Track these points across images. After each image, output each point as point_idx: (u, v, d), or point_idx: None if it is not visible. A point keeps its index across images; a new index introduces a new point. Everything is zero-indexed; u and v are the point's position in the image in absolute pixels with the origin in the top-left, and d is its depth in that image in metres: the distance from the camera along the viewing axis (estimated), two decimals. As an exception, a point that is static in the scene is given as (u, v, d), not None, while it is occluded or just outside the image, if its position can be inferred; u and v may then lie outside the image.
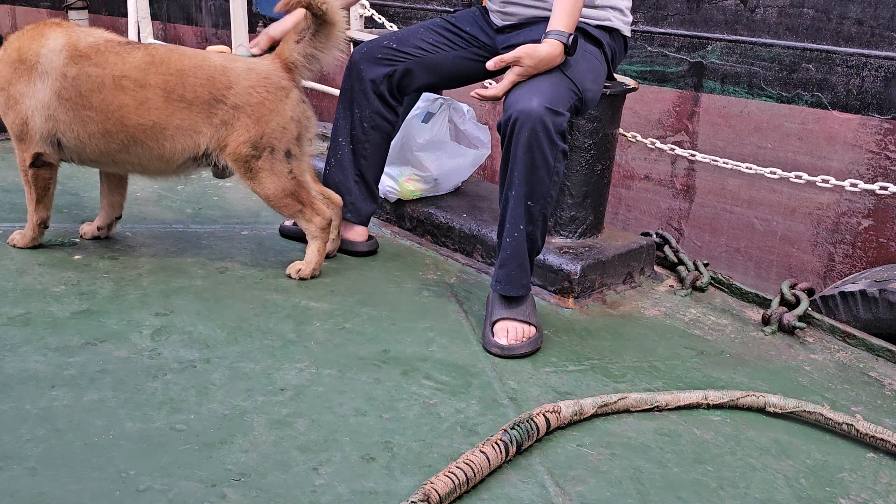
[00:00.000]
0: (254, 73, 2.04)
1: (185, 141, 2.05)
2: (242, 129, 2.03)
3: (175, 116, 2.02)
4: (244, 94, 2.02)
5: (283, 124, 2.05)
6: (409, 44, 2.20)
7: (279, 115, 2.04)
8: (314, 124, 2.16)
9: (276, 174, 2.07)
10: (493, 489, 1.38)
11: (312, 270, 2.16)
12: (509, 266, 1.92)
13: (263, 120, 2.03)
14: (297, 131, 2.09)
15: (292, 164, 2.09)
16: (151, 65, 2.03)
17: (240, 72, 2.04)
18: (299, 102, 2.09)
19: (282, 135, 2.05)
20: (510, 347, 1.85)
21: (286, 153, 2.07)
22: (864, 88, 3.86)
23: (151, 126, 2.03)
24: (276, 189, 2.09)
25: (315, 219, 2.14)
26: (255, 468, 1.39)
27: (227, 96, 2.02)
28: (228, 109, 2.02)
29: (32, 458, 1.37)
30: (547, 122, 1.78)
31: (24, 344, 1.72)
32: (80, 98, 2.03)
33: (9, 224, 2.36)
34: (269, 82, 2.04)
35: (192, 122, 2.03)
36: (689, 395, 1.69)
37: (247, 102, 2.02)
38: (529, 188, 1.85)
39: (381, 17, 3.50)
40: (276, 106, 2.04)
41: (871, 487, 1.48)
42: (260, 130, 2.03)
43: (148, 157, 2.08)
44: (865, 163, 3.88)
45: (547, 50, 1.84)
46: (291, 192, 2.11)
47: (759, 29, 4.14)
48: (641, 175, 4.68)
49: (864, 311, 2.87)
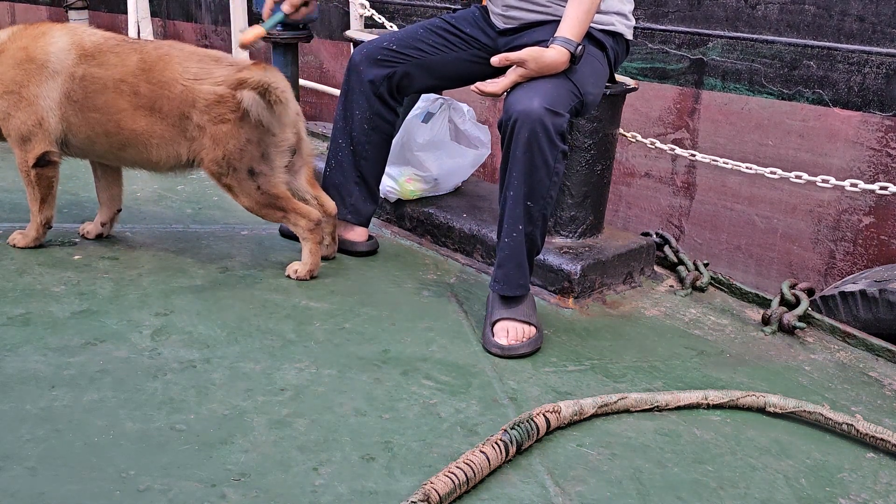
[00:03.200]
0: (212, 92, 2.03)
1: (168, 150, 2.09)
2: (207, 147, 2.05)
3: (157, 126, 2.06)
4: (204, 113, 2.03)
5: (240, 146, 2.04)
6: (409, 45, 2.20)
7: (235, 138, 2.03)
8: (286, 138, 2.11)
9: (245, 190, 2.09)
10: (493, 489, 1.39)
11: (308, 271, 2.17)
12: (508, 266, 1.92)
13: (221, 141, 2.04)
14: (259, 151, 2.06)
15: (258, 180, 2.08)
16: (143, 71, 2.05)
17: (203, 92, 2.03)
18: (259, 125, 2.04)
19: (241, 155, 2.05)
20: (510, 347, 1.85)
21: (249, 171, 2.07)
22: (865, 85, 3.86)
23: (141, 132, 2.06)
24: (249, 203, 2.12)
25: (301, 222, 2.14)
26: (255, 468, 1.39)
27: (192, 114, 2.04)
28: (195, 126, 2.04)
29: (32, 458, 1.37)
30: (547, 122, 1.78)
31: (24, 344, 1.72)
32: (86, 99, 2.06)
33: (9, 224, 2.36)
34: (225, 106, 2.03)
35: (171, 135, 2.06)
36: (689, 395, 1.69)
37: (206, 122, 2.03)
38: (528, 188, 1.84)
39: (381, 16, 3.49)
40: (230, 129, 2.03)
41: (871, 487, 1.48)
42: (220, 151, 2.04)
43: (142, 159, 2.13)
44: (866, 160, 3.88)
45: (553, 56, 1.84)
46: (266, 204, 2.12)
47: (760, 26, 4.14)
48: (642, 172, 4.68)
49: (864, 311, 2.87)
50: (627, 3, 2.11)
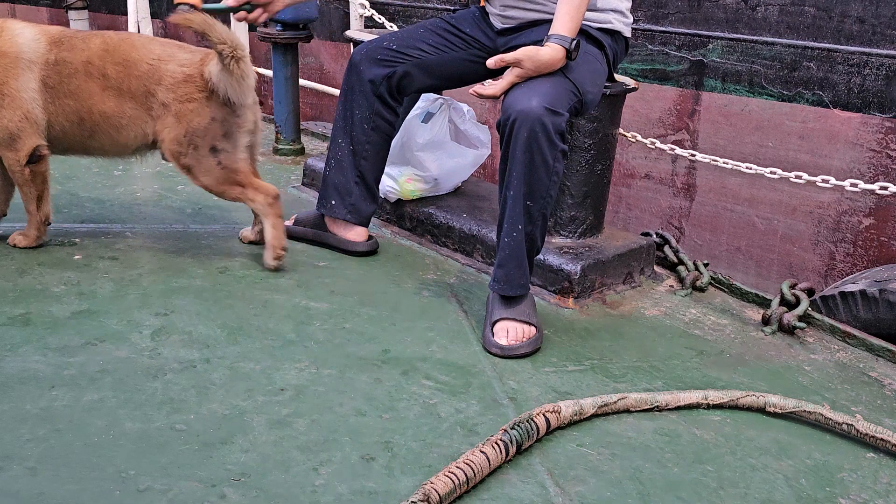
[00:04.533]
0: (180, 72, 2.08)
1: (136, 130, 2.12)
2: (170, 126, 2.08)
3: (126, 106, 2.09)
4: (170, 91, 2.07)
5: (205, 125, 2.08)
6: (409, 45, 2.20)
7: (200, 116, 2.07)
8: (248, 119, 2.16)
9: (204, 168, 2.12)
10: (493, 489, 1.38)
11: (282, 247, 2.19)
12: (508, 266, 1.92)
13: (185, 120, 2.07)
14: (223, 130, 2.11)
15: (220, 156, 2.12)
16: (107, 52, 2.09)
17: (169, 69, 2.08)
18: (224, 104, 2.09)
19: (204, 134, 2.09)
20: (510, 347, 1.85)
21: (211, 149, 2.11)
22: (865, 87, 3.86)
23: (111, 114, 2.09)
24: (208, 180, 2.14)
25: (258, 197, 2.18)
26: (255, 468, 1.39)
27: (157, 92, 2.07)
28: (159, 105, 2.08)
29: (32, 458, 1.37)
30: (546, 122, 1.78)
31: (24, 344, 1.72)
32: (61, 84, 2.08)
33: (8, 224, 2.36)
34: (192, 82, 2.08)
35: (139, 113, 2.10)
36: (689, 395, 1.69)
37: (172, 100, 2.07)
38: (528, 188, 1.84)
39: (381, 17, 3.49)
40: (196, 107, 2.07)
41: (871, 487, 1.48)
42: (182, 129, 2.07)
43: (109, 143, 2.15)
44: (866, 161, 3.88)
45: (549, 54, 1.84)
46: (225, 180, 2.15)
47: (760, 27, 4.14)
48: (642, 173, 4.68)
49: (864, 311, 2.87)
50: (625, 0, 2.11)
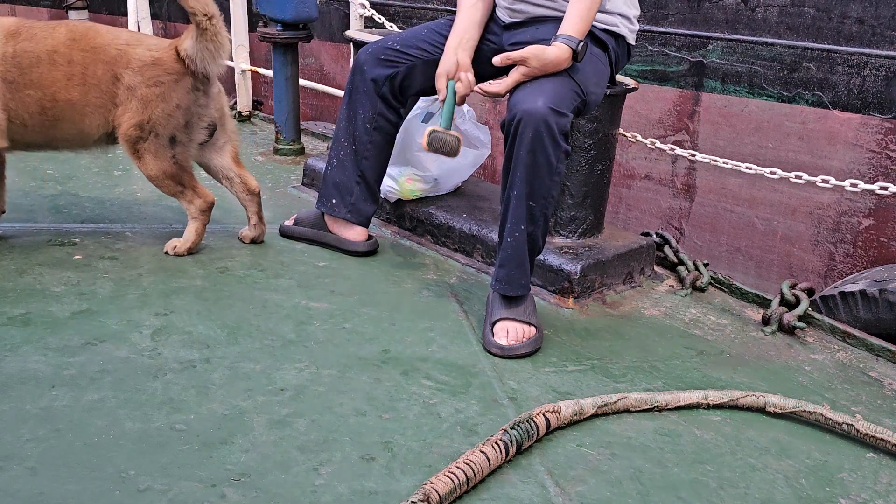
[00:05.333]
0: (148, 55, 2.10)
1: (99, 118, 2.12)
2: (133, 110, 2.09)
3: (91, 94, 2.09)
4: (136, 76, 2.08)
5: (169, 111, 2.10)
6: (412, 45, 2.20)
7: (165, 101, 2.09)
8: (209, 113, 2.19)
9: (159, 158, 2.13)
10: (493, 489, 1.38)
11: (188, 249, 2.24)
12: (509, 266, 1.92)
13: (150, 105, 2.09)
14: (184, 119, 2.13)
15: (176, 149, 2.15)
16: (73, 41, 2.09)
17: (137, 54, 2.10)
18: (190, 91, 2.12)
19: (167, 121, 2.10)
20: (510, 348, 1.85)
21: (171, 139, 2.12)
22: (864, 88, 3.86)
23: (76, 102, 2.09)
24: (157, 171, 2.16)
25: (196, 201, 2.21)
26: (255, 468, 1.39)
27: (123, 76, 2.08)
28: (124, 88, 2.09)
29: (32, 458, 1.37)
30: (551, 122, 1.78)
31: (24, 344, 1.72)
32: (21, 76, 2.06)
33: (9, 224, 2.36)
34: (161, 65, 2.09)
35: (103, 101, 2.10)
36: (689, 395, 1.69)
37: (139, 83, 2.08)
38: (531, 188, 1.84)
39: (381, 17, 3.49)
40: (163, 91, 2.09)
41: (871, 487, 1.47)
42: (146, 114, 2.09)
43: (72, 133, 2.14)
44: (866, 162, 3.88)
45: (555, 53, 1.84)
46: (172, 175, 2.17)
47: (760, 28, 4.14)
48: (642, 174, 4.68)
49: (864, 311, 2.87)
50: (633, 8, 2.11)
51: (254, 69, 4.00)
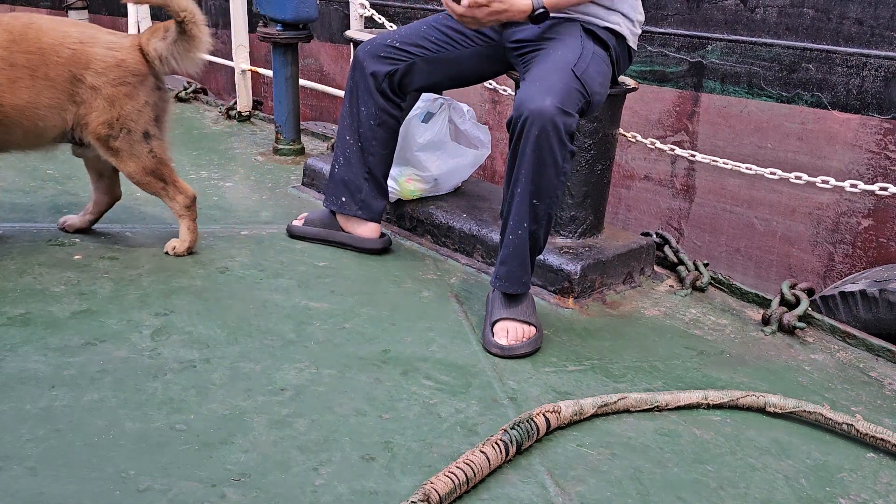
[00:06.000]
0: (111, 56, 2.09)
1: (55, 118, 2.10)
2: (100, 109, 2.08)
3: (43, 95, 2.06)
4: (101, 75, 2.07)
5: (139, 108, 2.11)
6: (411, 42, 2.20)
7: (133, 99, 2.09)
8: (171, 107, 2.23)
9: (136, 154, 2.13)
10: (493, 489, 1.38)
11: (187, 248, 2.24)
12: (511, 263, 1.92)
13: (118, 103, 2.08)
14: (154, 114, 2.14)
15: (152, 143, 2.15)
16: (13, 42, 2.04)
17: (98, 52, 2.08)
18: (155, 89, 2.14)
19: (138, 117, 2.11)
20: (510, 348, 1.85)
21: (144, 134, 2.13)
22: (863, 88, 3.86)
23: (24, 106, 2.06)
24: (136, 167, 2.16)
25: (178, 197, 2.22)
26: (255, 468, 1.39)
27: (85, 76, 2.06)
28: (87, 89, 2.07)
29: (32, 458, 1.37)
30: (558, 122, 1.78)
31: (24, 344, 1.72)
32: None
33: (9, 224, 2.36)
34: (126, 66, 2.09)
35: (59, 101, 2.08)
36: (689, 395, 1.69)
37: (103, 83, 2.07)
38: (536, 187, 1.84)
39: (381, 17, 3.49)
40: (130, 90, 2.09)
41: (871, 487, 1.48)
42: (115, 112, 2.08)
43: (23, 135, 2.11)
44: (865, 163, 3.88)
45: (521, 3, 1.91)
46: (153, 171, 2.17)
47: (759, 29, 4.14)
48: (641, 175, 4.68)
49: (864, 311, 2.87)
50: (636, 13, 2.11)
51: (254, 69, 4.00)
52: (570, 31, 1.99)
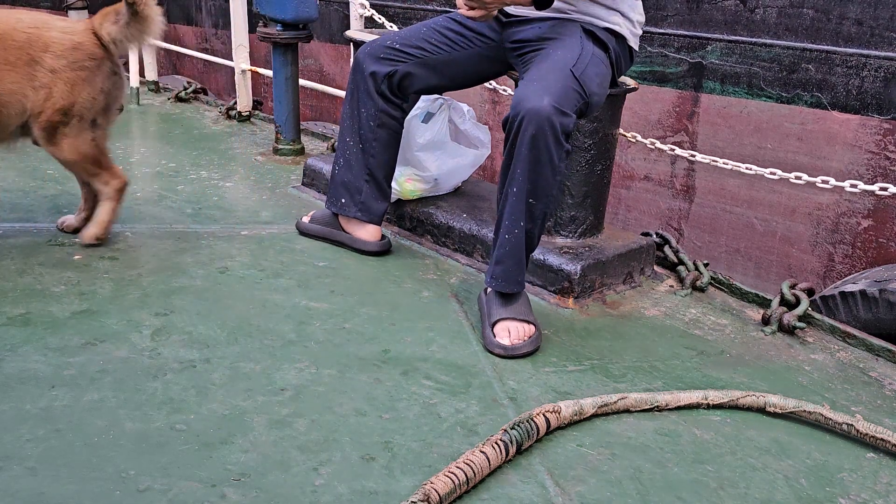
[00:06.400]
0: (68, 39, 2.07)
1: (17, 106, 2.08)
2: (58, 95, 2.06)
3: (5, 80, 2.04)
4: (60, 58, 2.05)
5: (94, 95, 2.10)
6: (411, 44, 2.20)
7: (91, 85, 2.09)
8: (123, 95, 2.22)
9: (80, 141, 2.13)
10: (493, 489, 1.38)
11: (105, 230, 2.24)
12: (507, 263, 1.92)
13: (77, 88, 2.07)
14: (105, 102, 2.15)
15: (97, 132, 2.15)
16: None
17: (55, 36, 2.07)
18: (111, 75, 2.14)
19: (91, 104, 2.11)
20: (514, 347, 1.85)
21: (93, 122, 2.13)
22: (863, 89, 3.86)
23: None
24: (76, 154, 2.15)
25: (112, 182, 2.22)
26: (255, 468, 1.39)
27: (44, 58, 2.05)
28: (46, 72, 2.05)
29: (32, 458, 1.37)
30: (555, 121, 1.78)
31: (24, 344, 1.72)
32: None
33: (9, 224, 2.36)
34: (83, 49, 2.08)
35: (20, 86, 2.06)
36: (689, 395, 1.69)
37: (63, 66, 2.06)
38: (532, 185, 1.85)
39: (381, 17, 3.49)
40: (88, 75, 2.08)
41: (871, 487, 1.48)
42: (73, 98, 2.07)
43: None
44: (865, 163, 3.88)
45: None
46: (92, 158, 2.17)
47: (759, 29, 4.14)
48: (641, 175, 4.68)
49: (864, 311, 2.87)
50: (636, 13, 2.11)
51: (254, 69, 4.00)
52: (570, 32, 1.99)
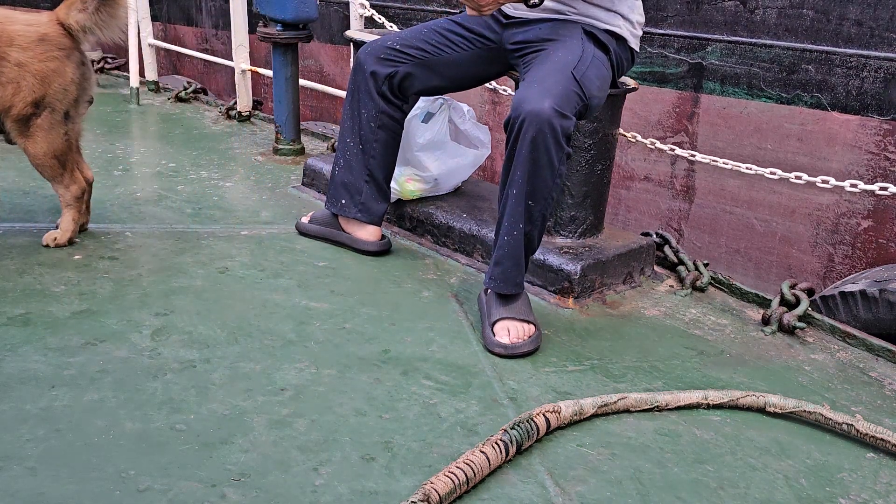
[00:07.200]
0: (32, 31, 2.06)
1: None
2: (28, 89, 2.05)
3: None
4: (26, 50, 2.04)
5: (65, 86, 2.09)
6: (411, 45, 2.20)
7: (61, 76, 2.07)
8: (93, 87, 2.20)
9: (52, 134, 2.11)
10: (493, 489, 1.38)
11: (68, 238, 2.22)
12: (506, 264, 1.93)
13: (47, 80, 2.06)
14: (76, 93, 2.13)
15: (69, 125, 2.14)
16: None
17: (19, 29, 2.05)
18: (80, 65, 2.12)
19: (63, 96, 2.09)
20: (514, 346, 1.85)
21: (65, 114, 2.11)
22: (863, 89, 3.86)
23: None
24: (47, 149, 2.13)
25: (72, 187, 2.20)
26: (255, 468, 1.39)
27: (10, 53, 2.03)
28: (13, 66, 2.04)
29: (32, 458, 1.37)
30: (555, 124, 1.78)
31: (24, 344, 1.72)
32: None
33: (9, 224, 2.36)
34: (50, 40, 2.07)
35: None
36: (689, 395, 1.69)
37: (30, 59, 2.04)
38: (531, 187, 1.85)
39: (381, 17, 3.49)
40: (58, 66, 2.07)
41: (871, 487, 1.48)
42: (43, 90, 2.06)
43: None
44: (865, 164, 3.88)
45: None
46: (60, 154, 2.15)
47: (759, 30, 4.14)
48: (641, 176, 4.68)
49: (864, 311, 2.87)
50: (636, 14, 2.11)
51: (254, 69, 4.00)
52: (571, 33, 1.99)
